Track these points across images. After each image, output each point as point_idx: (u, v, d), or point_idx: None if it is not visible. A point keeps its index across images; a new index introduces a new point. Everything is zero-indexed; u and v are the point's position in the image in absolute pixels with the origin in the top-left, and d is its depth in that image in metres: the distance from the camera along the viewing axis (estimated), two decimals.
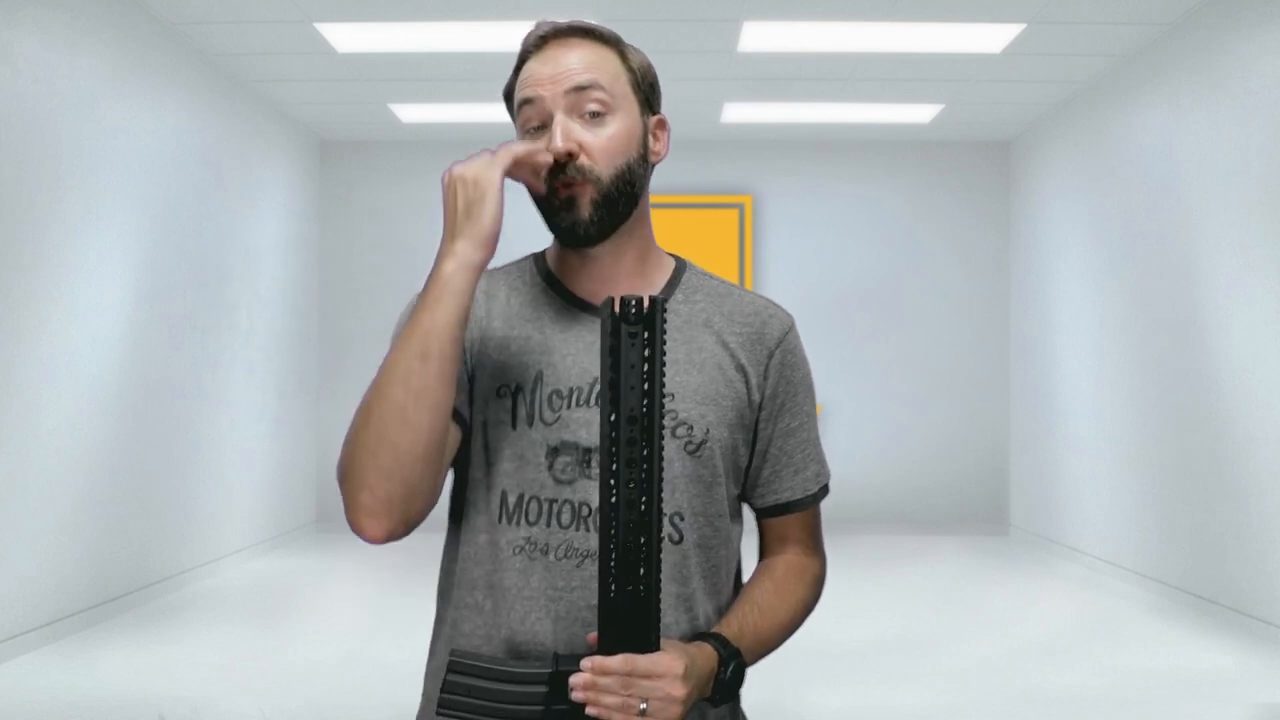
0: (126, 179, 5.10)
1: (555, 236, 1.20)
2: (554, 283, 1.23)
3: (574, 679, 1.01)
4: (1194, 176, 5.26)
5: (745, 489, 1.27)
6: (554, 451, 1.15)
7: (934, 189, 7.96)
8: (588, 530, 1.14)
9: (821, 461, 1.28)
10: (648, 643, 1.01)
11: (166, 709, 3.63)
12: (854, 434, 7.74)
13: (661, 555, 1.14)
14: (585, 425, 1.15)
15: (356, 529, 1.08)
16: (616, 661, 1.00)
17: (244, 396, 6.54)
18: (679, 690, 1.01)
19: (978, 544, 7.38)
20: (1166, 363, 5.54)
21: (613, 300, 0.98)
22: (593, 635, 1.03)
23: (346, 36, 5.63)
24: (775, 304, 1.28)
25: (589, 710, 1.00)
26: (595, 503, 1.13)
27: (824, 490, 1.28)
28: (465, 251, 1.07)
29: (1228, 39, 4.98)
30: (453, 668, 1.07)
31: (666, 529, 1.16)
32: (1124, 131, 6.06)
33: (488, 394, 1.18)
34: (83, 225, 4.72)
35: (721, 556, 1.21)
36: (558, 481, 1.15)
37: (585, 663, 1.00)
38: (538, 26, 1.19)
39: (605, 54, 1.18)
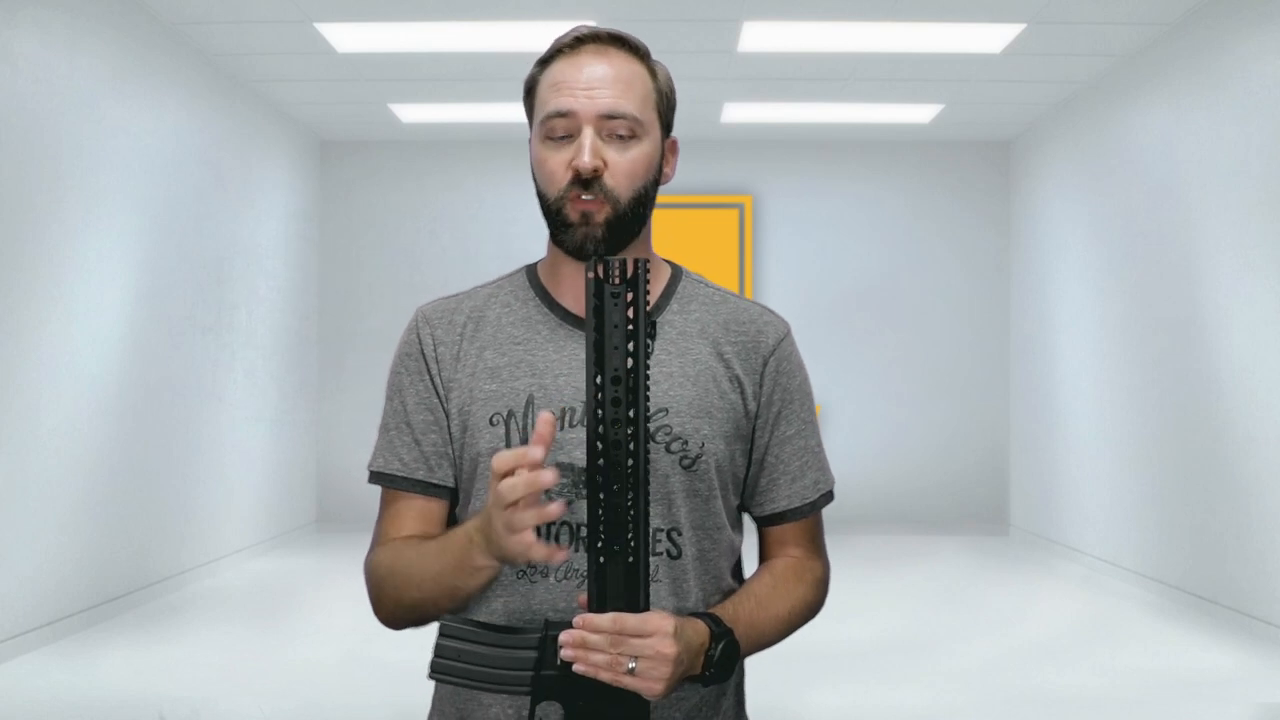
0: (126, 179, 5.09)
1: (561, 249, 1.19)
2: (547, 298, 1.24)
3: (563, 636, 1.01)
4: (1194, 176, 5.26)
5: (744, 498, 1.27)
6: None
7: (934, 189, 7.96)
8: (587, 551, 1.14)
9: (822, 469, 1.28)
10: (637, 604, 1.01)
11: (166, 709, 3.63)
12: (854, 434, 7.74)
13: (660, 569, 1.16)
14: (580, 445, 1.15)
15: (381, 623, 1.21)
16: (606, 620, 0.99)
17: (244, 396, 6.54)
18: (669, 648, 1.00)
19: (978, 544, 7.38)
20: (1166, 363, 5.54)
21: (595, 262, 0.98)
22: (582, 597, 1.03)
23: (346, 36, 5.62)
24: (771, 311, 1.28)
25: (576, 668, 1.00)
26: None
27: (825, 498, 1.28)
28: (495, 559, 1.05)
29: (1228, 39, 4.98)
30: (444, 632, 1.07)
31: (664, 544, 1.17)
32: (1124, 131, 6.06)
33: (480, 425, 1.18)
34: (83, 225, 4.72)
35: (721, 568, 1.21)
36: None
37: (576, 620, 1.00)
38: (576, 29, 1.19)
39: (638, 70, 1.18)
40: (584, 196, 1.14)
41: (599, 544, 1.00)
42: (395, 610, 1.17)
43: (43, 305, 4.44)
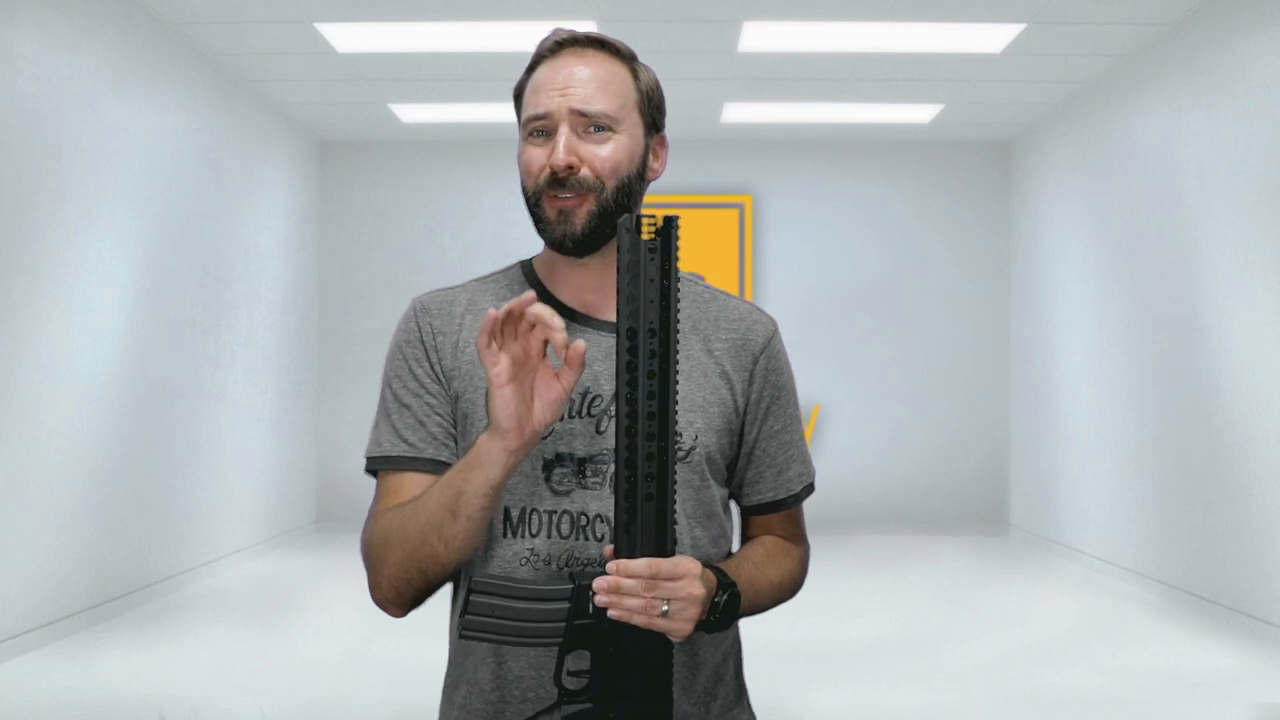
0: (126, 179, 5.09)
1: (546, 244, 1.22)
2: (544, 293, 1.25)
3: (597, 582, 1.02)
4: (1194, 176, 5.26)
5: (732, 488, 1.31)
6: (549, 465, 1.18)
7: (934, 189, 7.96)
8: (587, 539, 1.17)
9: (805, 461, 1.33)
10: (665, 549, 1.03)
11: (166, 709, 3.63)
12: (854, 434, 7.74)
13: None
14: (580, 436, 1.18)
15: (379, 607, 1.18)
16: (640, 564, 1.02)
17: (244, 396, 6.54)
18: (699, 590, 1.04)
19: (978, 544, 7.38)
20: (1166, 363, 5.54)
21: (629, 217, 1.02)
22: (609, 548, 1.05)
23: (346, 36, 5.63)
24: (758, 309, 1.32)
25: (610, 613, 1.02)
26: (593, 512, 1.17)
27: (808, 489, 1.33)
28: (495, 436, 1.07)
29: (1228, 39, 4.98)
30: (476, 588, 1.08)
31: None
32: (1124, 131, 6.06)
33: (480, 417, 1.19)
34: (83, 225, 4.72)
35: (711, 554, 1.24)
36: (555, 493, 1.18)
37: (610, 565, 1.02)
38: (555, 33, 1.21)
39: (617, 70, 1.21)
40: (560, 195, 1.17)
41: (628, 490, 1.02)
42: (395, 573, 1.13)
43: (43, 305, 4.44)
